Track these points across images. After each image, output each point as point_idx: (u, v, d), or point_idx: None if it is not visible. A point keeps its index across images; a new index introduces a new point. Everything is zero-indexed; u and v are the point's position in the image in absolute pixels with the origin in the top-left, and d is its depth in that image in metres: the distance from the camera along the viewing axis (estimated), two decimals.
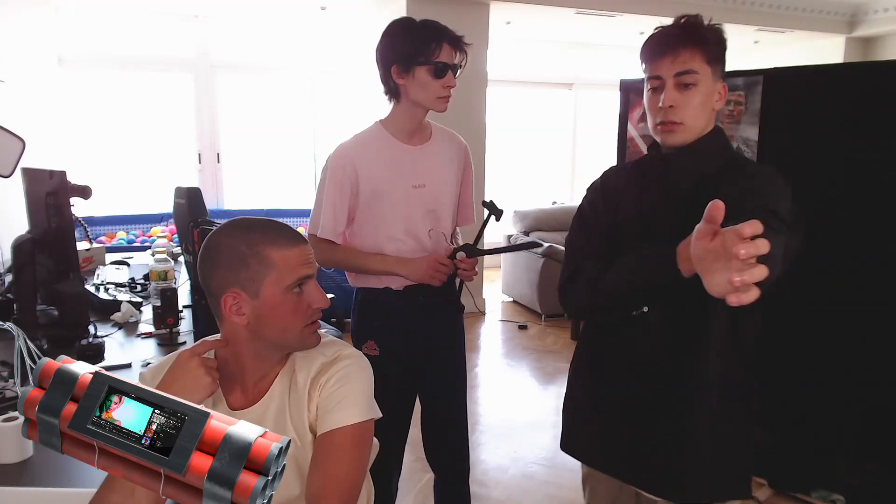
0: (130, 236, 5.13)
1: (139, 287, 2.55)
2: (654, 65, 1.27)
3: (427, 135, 1.87)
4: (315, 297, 1.13)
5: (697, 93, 1.25)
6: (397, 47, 1.74)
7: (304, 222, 5.79)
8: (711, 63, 1.26)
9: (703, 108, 1.27)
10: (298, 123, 5.99)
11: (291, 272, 1.09)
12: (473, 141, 4.99)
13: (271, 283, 1.08)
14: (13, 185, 2.20)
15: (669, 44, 1.25)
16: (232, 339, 1.13)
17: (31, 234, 2.05)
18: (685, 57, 1.24)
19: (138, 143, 5.40)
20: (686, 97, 1.25)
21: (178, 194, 2.58)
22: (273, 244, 1.09)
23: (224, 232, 1.12)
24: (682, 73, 1.24)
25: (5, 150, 1.97)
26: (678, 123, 1.26)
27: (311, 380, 1.15)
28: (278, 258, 1.08)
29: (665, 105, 1.25)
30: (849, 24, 6.21)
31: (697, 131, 1.28)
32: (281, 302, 1.08)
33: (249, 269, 1.08)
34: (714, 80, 1.27)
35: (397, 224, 1.79)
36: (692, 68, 1.24)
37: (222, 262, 1.09)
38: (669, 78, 1.25)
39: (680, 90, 1.25)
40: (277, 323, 1.09)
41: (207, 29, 5.43)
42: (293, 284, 1.09)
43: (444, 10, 4.81)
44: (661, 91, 1.26)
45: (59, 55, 4.93)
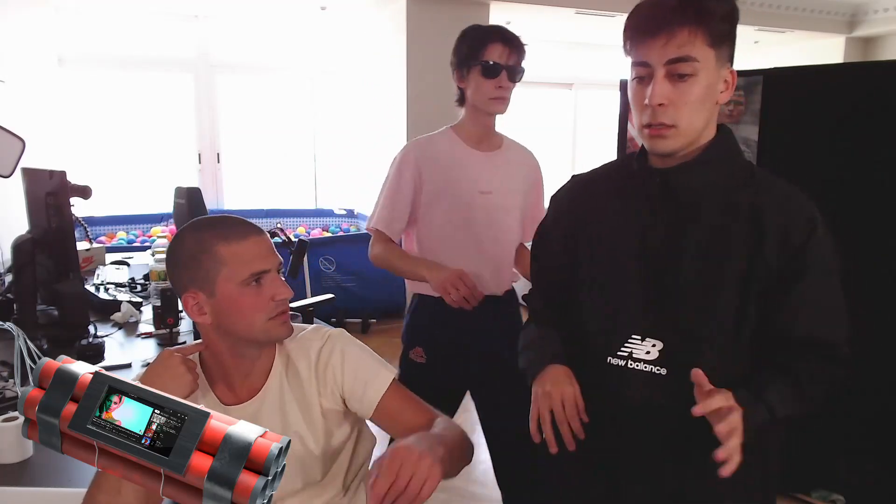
0: (130, 236, 5.13)
1: (139, 287, 2.55)
2: (640, 47, 0.98)
3: (497, 143, 1.85)
4: (276, 290, 1.09)
5: (696, 85, 0.97)
6: (456, 52, 1.77)
7: (305, 222, 5.79)
8: (716, 45, 0.97)
9: (703, 106, 0.99)
10: (298, 123, 5.99)
11: (243, 267, 1.07)
12: None
13: (224, 279, 1.07)
14: (13, 185, 2.20)
15: (662, 20, 0.95)
16: (207, 340, 1.13)
17: (31, 234, 2.05)
18: (682, 39, 0.95)
19: (138, 143, 5.40)
20: (681, 91, 0.97)
21: (178, 194, 2.59)
22: (222, 240, 1.07)
23: (181, 233, 1.13)
24: (677, 59, 0.95)
25: (5, 150, 1.97)
26: (670, 126, 0.98)
27: (316, 366, 1.16)
28: (227, 254, 1.07)
29: (653, 102, 0.97)
30: (849, 24, 6.21)
31: (694, 135, 1.01)
32: (237, 297, 1.07)
33: (202, 268, 1.07)
34: (718, 66, 0.99)
35: (457, 228, 1.75)
36: (690, 54, 0.95)
37: (179, 263, 1.10)
38: (660, 66, 0.96)
39: (673, 82, 0.96)
40: (239, 319, 1.08)
41: (207, 29, 5.43)
42: (247, 280, 1.07)
43: (444, 10, 4.82)
44: (650, 82, 0.98)
45: (59, 55, 4.92)
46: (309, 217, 5.85)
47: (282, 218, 5.46)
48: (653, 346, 1.03)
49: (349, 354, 1.17)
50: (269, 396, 1.15)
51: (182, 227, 1.15)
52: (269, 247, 1.12)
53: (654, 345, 1.03)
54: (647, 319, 1.04)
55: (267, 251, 1.11)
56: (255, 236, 1.10)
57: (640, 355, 1.04)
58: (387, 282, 4.83)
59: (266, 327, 1.09)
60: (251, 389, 1.15)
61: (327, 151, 6.11)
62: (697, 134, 1.02)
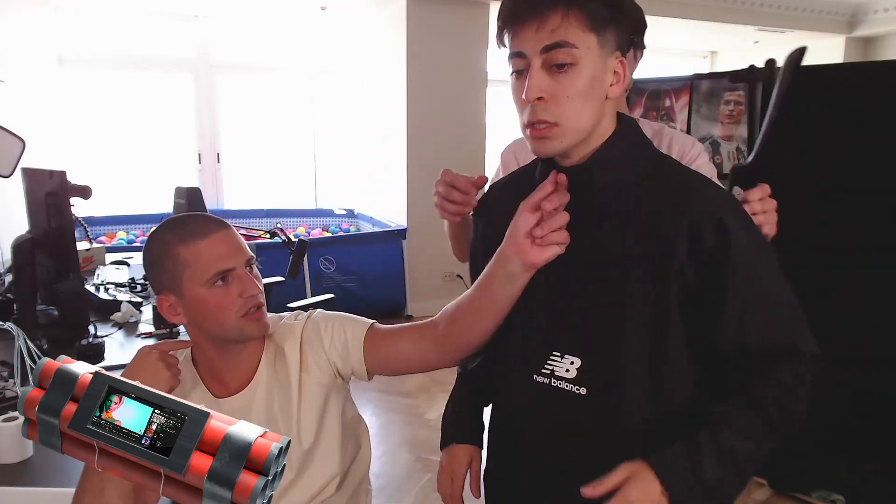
0: (130, 236, 5.13)
1: (139, 287, 2.55)
2: (513, 37, 0.88)
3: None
4: (243, 287, 1.07)
5: (577, 76, 0.86)
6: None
7: (305, 222, 5.79)
8: (597, 29, 0.86)
9: (588, 100, 0.88)
10: (298, 123, 5.99)
11: (205, 267, 1.05)
12: (473, 141, 5.03)
13: (189, 280, 1.05)
14: (13, 185, 2.20)
15: (531, 3, 0.85)
16: (192, 337, 1.14)
17: (31, 234, 2.05)
18: (555, 23, 0.84)
19: (138, 143, 5.40)
20: (561, 84, 0.86)
21: (178, 194, 2.59)
22: (181, 241, 1.06)
23: (149, 237, 1.13)
24: (553, 46, 0.85)
25: (5, 150, 1.97)
26: (552, 124, 0.88)
27: (300, 344, 1.16)
28: (188, 255, 1.05)
29: (530, 97, 0.86)
30: (849, 24, 6.21)
31: (581, 133, 0.90)
32: (204, 298, 1.05)
33: (168, 271, 1.06)
34: (604, 55, 0.88)
35: None
36: (566, 39, 0.84)
37: (148, 266, 1.11)
38: (535, 55, 0.86)
39: (552, 73, 0.86)
40: (209, 319, 1.07)
41: (207, 29, 5.43)
42: (211, 279, 1.05)
43: (444, 10, 4.82)
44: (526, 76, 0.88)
45: (59, 55, 4.92)
46: (309, 217, 5.86)
47: (282, 218, 5.46)
48: (571, 364, 0.95)
49: (327, 323, 1.17)
50: (259, 387, 1.15)
51: (151, 231, 1.15)
52: (232, 243, 1.08)
53: (573, 362, 0.95)
54: (562, 336, 0.97)
55: (230, 248, 1.07)
56: (215, 234, 1.07)
57: (560, 373, 0.96)
58: (387, 282, 4.84)
59: (238, 325, 1.08)
60: (242, 380, 1.15)
61: (327, 151, 6.11)
62: (585, 132, 0.91)
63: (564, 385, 0.96)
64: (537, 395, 0.98)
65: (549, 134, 0.89)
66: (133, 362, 1.05)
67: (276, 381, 1.15)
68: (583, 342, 0.95)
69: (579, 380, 0.95)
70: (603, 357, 0.94)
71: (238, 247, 1.09)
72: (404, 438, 3.14)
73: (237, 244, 1.09)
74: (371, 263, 4.76)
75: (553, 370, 0.97)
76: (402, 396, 3.62)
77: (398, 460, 2.91)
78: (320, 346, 1.15)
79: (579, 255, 0.94)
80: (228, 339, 1.11)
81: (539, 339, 0.99)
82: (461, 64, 4.83)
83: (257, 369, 1.16)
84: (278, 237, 3.24)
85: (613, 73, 0.90)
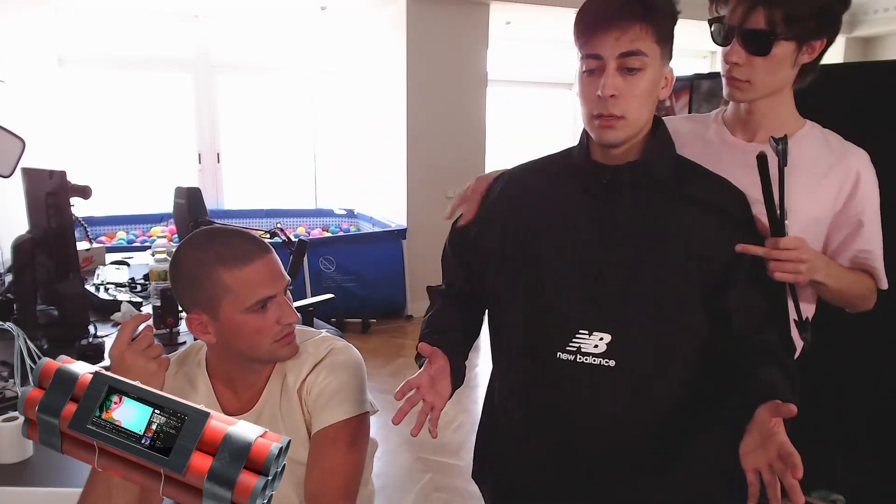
0: (130, 236, 5.13)
1: (139, 287, 2.55)
2: (593, 41, 1.03)
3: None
4: (282, 314, 1.05)
5: (644, 79, 1.02)
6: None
7: (305, 222, 5.79)
8: (661, 42, 1.03)
9: (649, 99, 1.05)
10: (298, 123, 5.99)
11: (248, 294, 1.02)
12: (473, 141, 5.03)
13: (228, 305, 1.02)
14: (13, 185, 2.20)
15: (615, 15, 1.01)
16: (215, 352, 1.11)
17: (31, 234, 2.05)
18: (634, 34, 1.00)
19: (138, 143, 5.40)
20: (631, 84, 1.02)
21: (178, 194, 2.59)
22: (224, 265, 1.01)
23: (182, 248, 1.08)
24: (629, 53, 1.01)
25: (5, 150, 1.97)
26: (619, 118, 1.03)
27: (302, 382, 1.12)
28: (231, 281, 1.01)
29: (605, 94, 1.02)
30: (849, 24, 6.20)
31: (640, 126, 1.06)
32: (242, 323, 1.03)
33: (205, 292, 1.03)
34: (663, 63, 1.06)
35: None
36: (640, 49, 1.01)
37: (182, 281, 1.06)
38: (612, 59, 1.01)
39: (624, 75, 1.02)
40: (243, 342, 1.05)
41: (207, 29, 5.43)
42: (252, 307, 1.02)
43: (444, 10, 4.82)
44: (600, 75, 1.02)
45: (59, 55, 4.92)
46: (309, 217, 5.86)
47: (282, 218, 5.46)
48: (600, 340, 1.06)
49: (337, 372, 1.13)
50: (266, 408, 1.14)
51: (183, 242, 1.10)
52: (274, 269, 1.05)
53: (602, 338, 1.06)
54: (591, 314, 1.07)
55: (272, 274, 1.04)
56: (259, 259, 1.03)
57: (588, 349, 1.07)
58: (387, 282, 4.84)
59: (271, 349, 1.07)
60: (252, 396, 1.15)
61: (327, 151, 6.11)
62: (643, 125, 1.07)
63: (592, 360, 1.07)
64: (561, 370, 1.08)
65: (615, 125, 1.04)
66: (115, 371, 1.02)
67: (282, 406, 1.14)
68: (614, 320, 1.06)
69: (609, 353, 1.06)
70: (634, 331, 1.06)
71: (279, 273, 1.06)
72: (404, 438, 3.14)
73: (278, 270, 1.06)
74: (371, 263, 4.76)
75: (580, 347, 1.07)
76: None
77: (398, 460, 2.91)
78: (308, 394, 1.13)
79: (610, 242, 1.08)
80: (257, 359, 1.10)
81: (563, 319, 1.09)
82: (461, 64, 4.83)
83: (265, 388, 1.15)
84: (278, 237, 3.23)
85: (664, 79, 1.07)
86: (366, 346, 4.21)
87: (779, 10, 1.13)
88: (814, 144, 1.32)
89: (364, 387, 1.16)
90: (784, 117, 1.30)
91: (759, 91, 1.23)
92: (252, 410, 1.14)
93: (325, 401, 1.10)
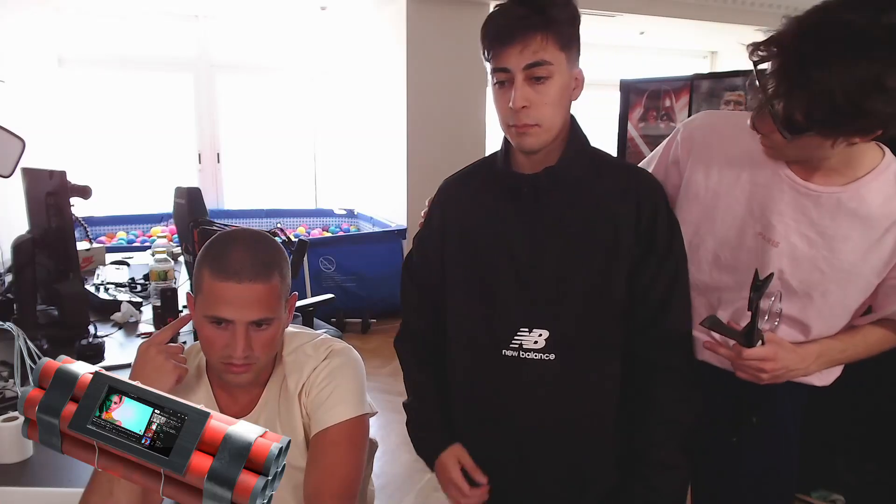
0: (130, 236, 5.13)
1: (139, 287, 2.55)
2: (499, 55, 1.06)
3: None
4: (231, 343, 1.01)
5: (553, 86, 1.06)
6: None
7: (305, 222, 5.79)
8: (565, 48, 1.06)
9: (560, 104, 1.09)
10: (298, 123, 5.99)
11: (209, 304, 1.02)
12: (473, 141, 5.02)
13: (200, 301, 1.05)
14: (13, 185, 2.20)
15: (516, 28, 1.04)
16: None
17: (31, 234, 2.05)
18: (536, 45, 1.03)
19: (138, 144, 5.40)
20: (540, 93, 1.06)
21: (178, 194, 2.59)
22: (209, 267, 1.03)
23: (219, 234, 1.11)
24: (534, 64, 1.04)
25: (5, 150, 1.97)
26: (533, 125, 1.07)
27: (302, 385, 1.13)
28: (206, 284, 1.03)
29: (516, 106, 1.05)
30: None
31: (555, 131, 1.10)
32: (200, 325, 1.05)
33: (196, 276, 1.06)
34: (570, 66, 1.08)
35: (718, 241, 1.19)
36: (545, 58, 1.04)
37: (194, 262, 1.11)
38: (519, 72, 1.05)
39: (532, 85, 1.05)
40: (202, 342, 1.07)
41: (207, 29, 5.43)
42: (209, 316, 1.02)
43: (444, 10, 4.82)
44: (511, 86, 1.06)
45: (59, 55, 4.92)
46: (309, 217, 5.86)
47: (282, 218, 5.46)
48: (539, 336, 1.13)
49: (336, 374, 1.13)
50: (263, 412, 1.14)
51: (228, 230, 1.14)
52: (247, 298, 1.00)
53: (541, 334, 1.13)
54: (530, 313, 1.14)
55: (243, 302, 1.00)
56: (238, 283, 1.00)
57: (529, 346, 1.13)
58: (387, 282, 4.83)
59: (219, 367, 1.06)
60: (251, 400, 1.14)
61: (327, 151, 6.11)
62: (559, 129, 1.11)
63: (534, 355, 1.14)
64: (505, 366, 1.15)
65: (531, 132, 1.08)
66: (136, 363, 1.05)
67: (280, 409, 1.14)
68: (551, 317, 1.13)
69: (548, 348, 1.13)
70: (569, 326, 1.13)
71: (254, 306, 1.01)
72: (404, 438, 3.12)
73: (254, 303, 1.01)
74: (371, 263, 4.76)
75: (521, 344, 1.14)
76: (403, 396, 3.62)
77: (398, 460, 2.91)
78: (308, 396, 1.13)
79: (540, 245, 1.13)
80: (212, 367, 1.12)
81: (506, 319, 1.15)
82: (461, 64, 4.82)
83: (263, 391, 1.15)
84: (278, 237, 3.24)
85: (574, 80, 1.11)
86: (366, 346, 4.21)
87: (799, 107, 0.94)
88: (883, 189, 1.07)
89: (363, 388, 1.17)
90: (852, 157, 1.06)
91: (789, 158, 1.09)
92: (249, 415, 1.13)
93: (324, 402, 1.11)
